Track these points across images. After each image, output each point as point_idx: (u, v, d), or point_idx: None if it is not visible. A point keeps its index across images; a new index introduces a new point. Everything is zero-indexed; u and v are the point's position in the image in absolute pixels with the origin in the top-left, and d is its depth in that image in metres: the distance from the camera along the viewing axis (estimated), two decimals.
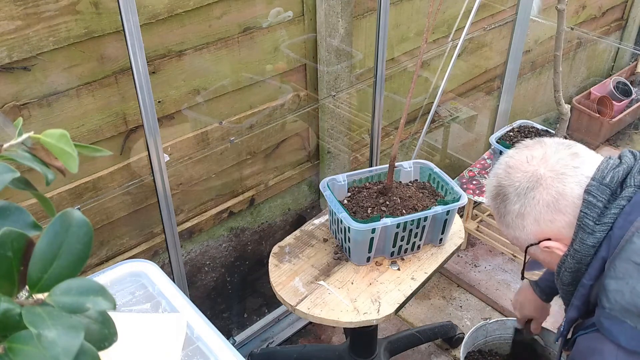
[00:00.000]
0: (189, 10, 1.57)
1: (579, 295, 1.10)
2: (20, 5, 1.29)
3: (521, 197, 1.10)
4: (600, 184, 1.04)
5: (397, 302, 1.56)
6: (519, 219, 1.12)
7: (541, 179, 1.08)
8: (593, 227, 1.04)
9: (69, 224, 0.52)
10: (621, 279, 0.99)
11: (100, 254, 1.73)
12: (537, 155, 1.11)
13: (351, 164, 2.32)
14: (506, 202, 1.13)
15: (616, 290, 0.99)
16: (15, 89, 1.37)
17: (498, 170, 1.17)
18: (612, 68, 3.76)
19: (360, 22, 2.04)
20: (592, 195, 1.04)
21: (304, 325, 2.32)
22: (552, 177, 1.08)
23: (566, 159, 1.09)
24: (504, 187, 1.13)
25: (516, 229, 1.14)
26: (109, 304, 0.50)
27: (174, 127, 1.72)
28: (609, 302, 1.00)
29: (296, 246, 1.74)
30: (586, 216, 1.04)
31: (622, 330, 0.98)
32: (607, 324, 1.01)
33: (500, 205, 1.15)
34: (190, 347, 1.13)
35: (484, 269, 2.54)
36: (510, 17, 2.61)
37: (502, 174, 1.15)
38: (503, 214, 1.15)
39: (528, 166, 1.11)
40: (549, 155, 1.10)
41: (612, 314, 1.00)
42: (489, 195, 1.19)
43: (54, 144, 0.54)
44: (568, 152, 1.10)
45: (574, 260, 1.08)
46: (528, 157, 1.12)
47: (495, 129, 2.76)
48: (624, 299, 0.98)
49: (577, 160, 1.09)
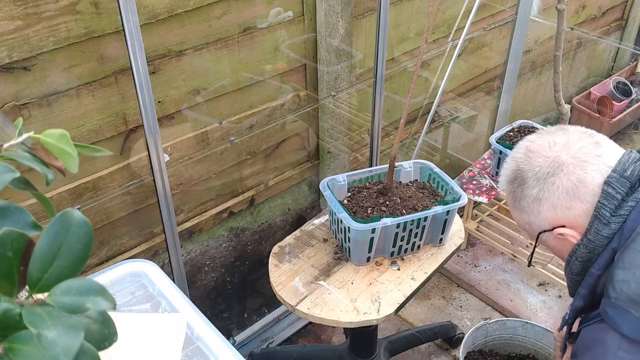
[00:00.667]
0: (189, 10, 1.57)
1: (586, 284, 1.10)
2: (20, 5, 1.29)
3: (540, 181, 1.10)
4: (621, 177, 1.05)
5: (397, 302, 1.56)
6: (535, 203, 1.12)
7: (563, 165, 1.08)
8: (609, 219, 1.04)
9: (69, 224, 0.52)
10: (628, 269, 1.00)
11: (100, 254, 1.73)
12: (559, 142, 1.11)
13: (351, 164, 2.32)
14: (524, 186, 1.13)
15: (623, 280, 1.00)
16: (15, 89, 1.37)
17: (517, 155, 1.16)
18: (612, 68, 3.76)
19: (360, 22, 2.04)
20: (611, 187, 1.04)
21: (304, 325, 2.32)
22: (574, 164, 1.08)
23: (589, 147, 1.09)
24: (523, 171, 1.13)
25: (531, 214, 1.14)
26: (109, 304, 0.50)
27: (174, 127, 1.72)
28: (615, 291, 1.00)
29: (296, 246, 1.74)
30: (604, 207, 1.04)
31: (626, 320, 0.99)
32: (611, 313, 1.01)
33: (517, 189, 1.14)
34: (190, 347, 1.13)
35: (484, 269, 2.54)
36: (510, 17, 2.61)
37: (522, 158, 1.14)
38: (519, 197, 1.14)
39: (550, 151, 1.10)
40: (572, 142, 1.10)
41: (618, 304, 1.00)
42: (506, 179, 1.18)
43: (54, 144, 0.54)
44: (591, 141, 1.10)
45: (587, 250, 1.08)
46: (550, 143, 1.11)
47: (495, 129, 2.76)
48: (630, 289, 0.98)
49: (600, 149, 1.09)
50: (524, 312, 2.33)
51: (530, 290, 2.44)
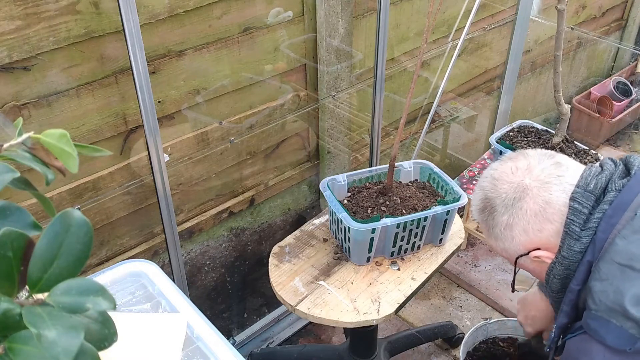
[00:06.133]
0: (189, 10, 1.57)
1: (568, 300, 1.12)
2: (20, 5, 1.29)
3: (509, 207, 1.12)
4: (585, 191, 1.06)
5: (397, 302, 1.56)
6: (507, 230, 1.13)
7: (527, 189, 1.10)
8: (579, 233, 1.06)
9: (69, 224, 0.52)
10: (605, 280, 1.01)
11: (100, 254, 1.73)
12: (521, 166, 1.13)
13: (351, 164, 2.32)
14: (494, 214, 1.14)
15: (601, 291, 1.01)
16: (15, 89, 1.37)
17: (483, 183, 1.18)
18: (612, 68, 3.76)
19: (360, 22, 2.04)
20: (577, 202, 1.06)
21: (304, 325, 2.32)
22: (537, 187, 1.10)
23: (550, 168, 1.11)
24: (490, 199, 1.15)
25: (505, 240, 1.15)
26: (109, 304, 0.50)
27: (174, 127, 1.72)
28: (595, 303, 1.02)
29: (296, 246, 1.74)
30: (572, 222, 1.06)
31: (608, 330, 1.00)
32: (593, 325, 1.03)
33: (488, 218, 1.16)
34: (190, 347, 1.13)
35: (484, 269, 2.54)
36: (510, 17, 2.61)
37: (488, 187, 1.16)
38: (491, 226, 1.16)
39: (513, 177, 1.12)
40: (533, 165, 1.12)
41: (598, 315, 1.02)
42: (476, 209, 1.20)
43: (54, 144, 0.54)
44: (551, 162, 1.12)
45: (562, 266, 1.10)
46: (512, 169, 1.14)
47: (495, 129, 2.76)
48: (609, 299, 1.00)
49: (561, 169, 1.11)
50: None
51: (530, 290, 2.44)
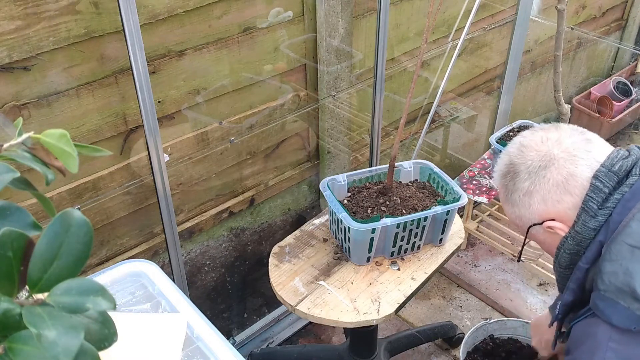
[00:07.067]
0: (189, 10, 1.57)
1: (575, 278, 1.12)
2: (20, 5, 1.29)
3: (532, 175, 1.13)
4: (609, 171, 1.07)
5: (397, 302, 1.56)
6: (526, 196, 1.14)
7: (554, 159, 1.11)
8: (596, 211, 1.07)
9: (69, 224, 0.52)
10: (615, 260, 1.02)
11: (100, 254, 1.73)
12: (552, 137, 1.14)
13: (351, 164, 2.32)
14: (516, 180, 1.15)
15: (611, 272, 1.02)
16: (15, 89, 1.37)
17: (511, 149, 1.19)
18: (612, 68, 3.76)
19: (360, 22, 2.04)
20: (599, 181, 1.07)
21: (304, 325, 2.32)
22: (564, 158, 1.10)
23: (580, 142, 1.12)
24: (515, 164, 1.16)
25: (522, 207, 1.16)
26: (109, 304, 0.50)
27: (174, 127, 1.72)
28: (604, 283, 1.03)
29: (296, 246, 1.74)
30: (591, 200, 1.07)
31: (615, 311, 1.01)
32: (601, 306, 1.03)
33: (509, 183, 1.17)
34: (190, 347, 1.13)
35: (484, 269, 2.54)
36: (510, 17, 2.61)
37: (515, 152, 1.17)
38: (511, 191, 1.17)
39: (542, 146, 1.13)
40: (564, 138, 1.13)
41: (607, 295, 1.02)
42: (499, 173, 1.21)
43: (54, 144, 0.54)
44: (582, 137, 1.13)
45: (574, 242, 1.10)
46: (543, 138, 1.14)
47: (495, 129, 2.76)
48: (618, 280, 1.00)
49: (590, 145, 1.12)
50: (524, 312, 2.33)
51: (530, 290, 2.44)
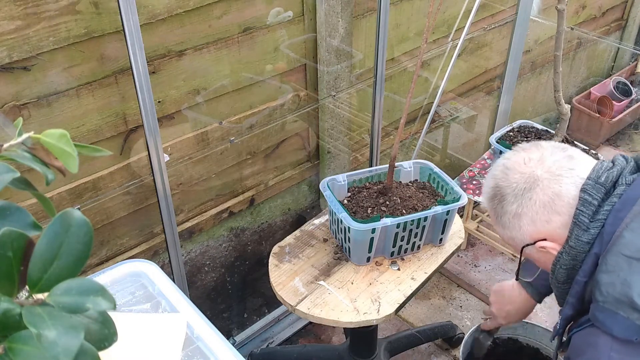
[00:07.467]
0: (189, 10, 1.57)
1: (574, 292, 1.13)
2: (20, 5, 1.29)
3: (518, 197, 1.13)
4: (595, 183, 1.08)
5: (397, 302, 1.56)
6: (515, 219, 1.15)
7: (538, 180, 1.11)
8: (588, 224, 1.07)
9: (69, 224, 0.52)
10: (612, 272, 1.02)
11: (100, 254, 1.73)
12: (534, 157, 1.14)
13: (351, 164, 2.32)
14: (503, 203, 1.16)
15: (608, 283, 1.02)
16: (15, 89, 1.36)
17: (495, 172, 1.19)
18: (612, 68, 3.76)
19: (360, 22, 2.04)
20: (587, 194, 1.07)
21: (304, 325, 2.32)
22: (548, 179, 1.11)
23: (562, 161, 1.12)
24: (501, 187, 1.16)
25: (512, 229, 1.16)
26: (109, 304, 0.50)
27: (174, 127, 1.72)
28: (602, 295, 1.03)
29: (296, 246, 1.74)
30: (582, 213, 1.07)
31: (615, 321, 1.01)
32: (601, 317, 1.03)
33: (497, 206, 1.17)
34: (190, 347, 1.13)
35: (484, 269, 2.54)
36: (510, 17, 2.61)
37: (500, 175, 1.17)
38: (500, 214, 1.17)
39: (525, 167, 1.14)
40: (546, 157, 1.13)
41: (606, 307, 1.02)
42: (486, 196, 1.22)
43: (54, 144, 0.54)
44: (563, 155, 1.13)
45: (569, 256, 1.11)
46: (525, 159, 1.15)
47: (495, 129, 2.76)
48: (616, 291, 1.01)
49: (572, 162, 1.12)
50: None
51: None
